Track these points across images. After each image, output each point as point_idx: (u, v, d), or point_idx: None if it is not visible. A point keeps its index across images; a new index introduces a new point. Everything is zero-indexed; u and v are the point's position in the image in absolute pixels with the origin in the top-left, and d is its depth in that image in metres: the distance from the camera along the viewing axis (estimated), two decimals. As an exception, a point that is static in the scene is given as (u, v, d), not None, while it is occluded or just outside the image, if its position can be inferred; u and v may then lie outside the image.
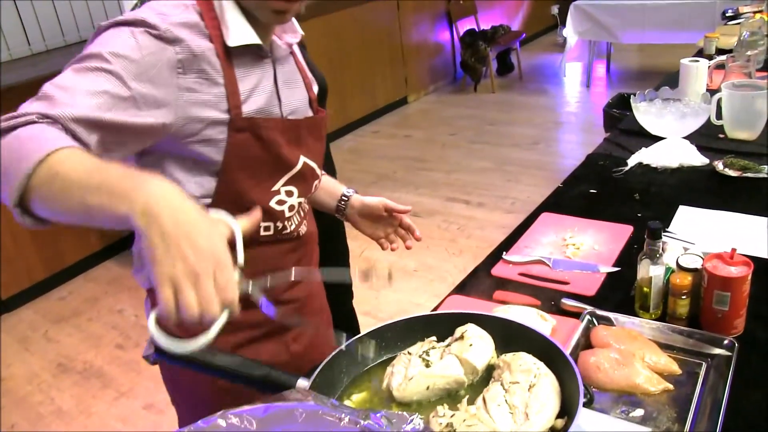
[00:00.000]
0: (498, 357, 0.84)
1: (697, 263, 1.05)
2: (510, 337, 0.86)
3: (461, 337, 0.84)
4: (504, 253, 1.36)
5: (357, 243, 1.35)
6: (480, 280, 1.29)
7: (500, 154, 4.47)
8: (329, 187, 1.29)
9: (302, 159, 1.02)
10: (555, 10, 6.98)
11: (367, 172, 4.43)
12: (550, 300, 1.18)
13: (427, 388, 0.81)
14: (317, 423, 0.49)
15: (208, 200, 0.95)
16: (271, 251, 1.03)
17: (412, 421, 0.51)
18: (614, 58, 6.04)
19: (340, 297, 1.97)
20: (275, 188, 0.99)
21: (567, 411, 0.73)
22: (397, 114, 5.62)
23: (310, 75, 1.12)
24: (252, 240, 0.97)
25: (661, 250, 1.06)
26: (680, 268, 1.05)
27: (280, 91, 1.00)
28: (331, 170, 1.74)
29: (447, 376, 0.81)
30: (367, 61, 5.25)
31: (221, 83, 0.89)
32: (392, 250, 1.32)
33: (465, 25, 6.00)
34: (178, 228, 0.61)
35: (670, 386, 0.93)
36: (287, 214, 1.03)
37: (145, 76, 0.82)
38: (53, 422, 2.43)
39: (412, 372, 0.81)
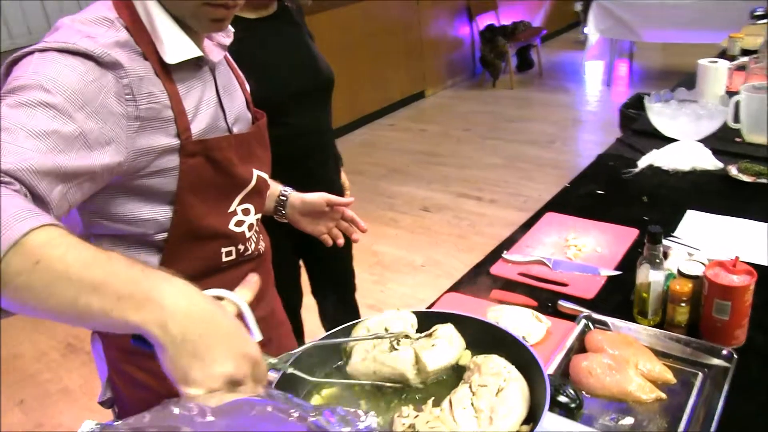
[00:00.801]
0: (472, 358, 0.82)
1: (698, 270, 1.02)
2: (488, 340, 0.84)
3: (430, 335, 0.83)
4: (504, 251, 1.34)
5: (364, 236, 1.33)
6: (479, 279, 1.27)
7: (515, 151, 4.42)
8: None
9: (255, 173, 0.97)
10: (579, 6, 6.86)
11: (380, 165, 4.42)
12: (548, 301, 1.16)
13: (374, 372, 0.81)
14: (266, 417, 0.49)
15: (164, 234, 0.89)
16: (233, 275, 0.95)
17: (364, 420, 0.50)
18: (637, 57, 5.93)
19: (345, 291, 1.96)
20: (231, 209, 0.95)
21: (534, 417, 0.71)
22: (413, 108, 5.59)
23: (240, 73, 1.06)
24: (215, 267, 0.96)
25: (661, 255, 1.03)
26: (681, 274, 1.03)
27: (223, 100, 0.94)
28: (335, 161, 1.72)
29: (393, 367, 0.80)
30: (384, 55, 5.23)
31: (168, 105, 0.82)
32: (338, 245, 1.27)
33: (485, 21, 5.94)
34: (208, 339, 0.57)
35: (663, 395, 0.91)
36: (247, 234, 0.99)
37: (90, 108, 0.72)
38: (60, 400, 2.47)
39: (371, 353, 0.81)
